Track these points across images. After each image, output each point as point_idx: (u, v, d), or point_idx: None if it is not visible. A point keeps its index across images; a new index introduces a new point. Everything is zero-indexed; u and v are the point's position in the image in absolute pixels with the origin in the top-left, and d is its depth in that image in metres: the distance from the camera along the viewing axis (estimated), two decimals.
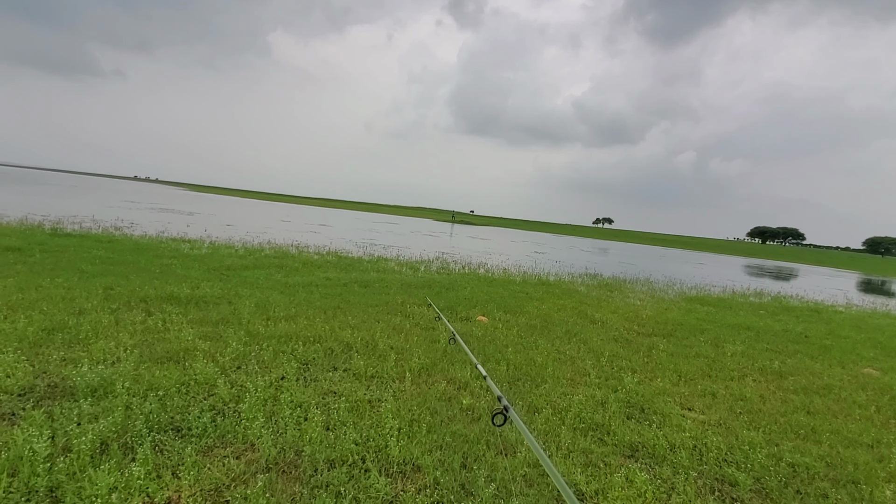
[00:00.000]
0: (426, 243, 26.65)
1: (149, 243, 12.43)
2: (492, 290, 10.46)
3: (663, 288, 15.65)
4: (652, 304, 11.39)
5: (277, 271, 9.92)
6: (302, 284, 8.55)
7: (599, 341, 6.65)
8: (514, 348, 5.68)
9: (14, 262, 7.64)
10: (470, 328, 6.53)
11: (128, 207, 28.56)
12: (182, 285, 7.14)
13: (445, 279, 11.47)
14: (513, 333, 6.50)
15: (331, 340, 5.18)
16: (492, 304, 8.54)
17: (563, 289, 12.20)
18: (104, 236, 12.85)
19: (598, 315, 8.63)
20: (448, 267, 14.89)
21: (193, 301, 6.32)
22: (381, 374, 4.36)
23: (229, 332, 5.02)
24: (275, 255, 12.64)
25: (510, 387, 4.40)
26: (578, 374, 5.09)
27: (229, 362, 4.17)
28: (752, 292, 17.51)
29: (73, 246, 10.26)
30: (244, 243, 15.21)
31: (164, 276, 7.91)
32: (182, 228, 18.50)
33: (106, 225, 16.35)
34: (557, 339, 6.50)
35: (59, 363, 3.79)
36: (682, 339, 7.42)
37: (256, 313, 6.00)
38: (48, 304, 5.35)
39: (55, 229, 13.37)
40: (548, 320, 7.76)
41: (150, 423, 2.97)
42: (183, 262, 9.70)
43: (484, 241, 36.70)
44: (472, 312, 7.71)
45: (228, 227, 22.60)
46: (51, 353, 3.98)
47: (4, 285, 5.97)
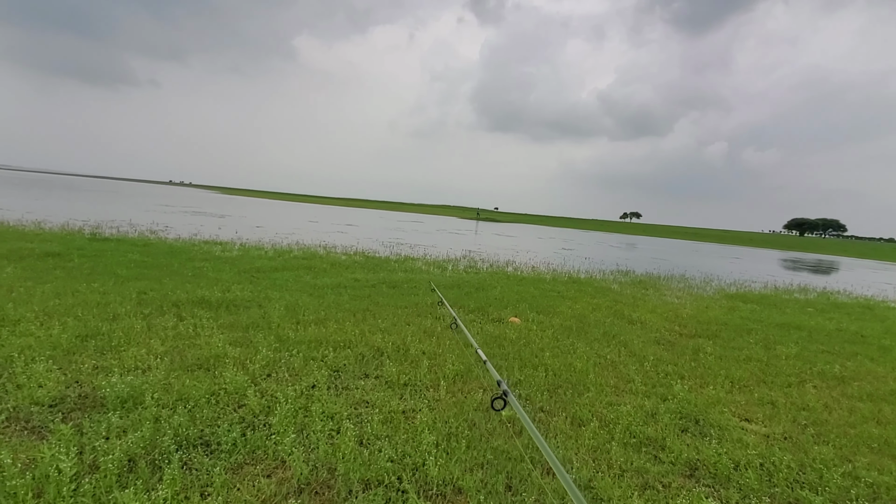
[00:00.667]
0: (452, 242, 26.45)
1: (182, 246, 12.65)
2: (522, 289, 10.16)
3: (700, 285, 14.98)
4: (691, 302, 10.86)
5: (306, 273, 9.89)
6: (330, 286, 8.47)
7: (640, 344, 6.29)
8: (552, 352, 5.40)
9: (54, 268, 7.82)
10: (503, 330, 6.27)
11: (162, 211, 29.43)
12: (213, 288, 7.14)
13: (474, 278, 11.23)
14: (548, 336, 6.21)
15: (361, 345, 5.02)
16: (523, 305, 8.26)
17: (596, 287, 11.78)
18: (140, 240, 13.16)
19: (635, 315, 8.23)
20: (476, 266, 14.64)
21: (224, 305, 6.29)
22: (415, 381, 4.17)
23: (259, 338, 4.92)
24: (303, 257, 12.66)
25: (550, 396, 4.13)
26: (622, 380, 4.77)
27: (259, 370, 4.05)
28: (797, 288, 16.59)
29: (110, 250, 10.51)
30: (273, 245, 15.35)
31: (196, 279, 7.96)
32: (214, 231, 18.86)
33: (142, 229, 16.80)
34: (595, 342, 6.18)
35: (90, 372, 3.75)
36: (729, 341, 6.97)
37: (286, 317, 5.92)
38: (83, 309, 5.39)
39: (94, 234, 13.78)
40: (583, 321, 7.42)
41: (179, 438, 2.85)
42: (214, 264, 9.78)
43: (510, 238, 36.23)
44: (503, 313, 7.45)
45: (258, 228, 22.95)
46: (83, 361, 3.95)
47: (43, 291, 6.06)
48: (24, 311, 5.04)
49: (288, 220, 32.61)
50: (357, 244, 18.58)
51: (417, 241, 24.34)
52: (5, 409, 3.07)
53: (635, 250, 34.82)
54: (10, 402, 3.17)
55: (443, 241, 25.67)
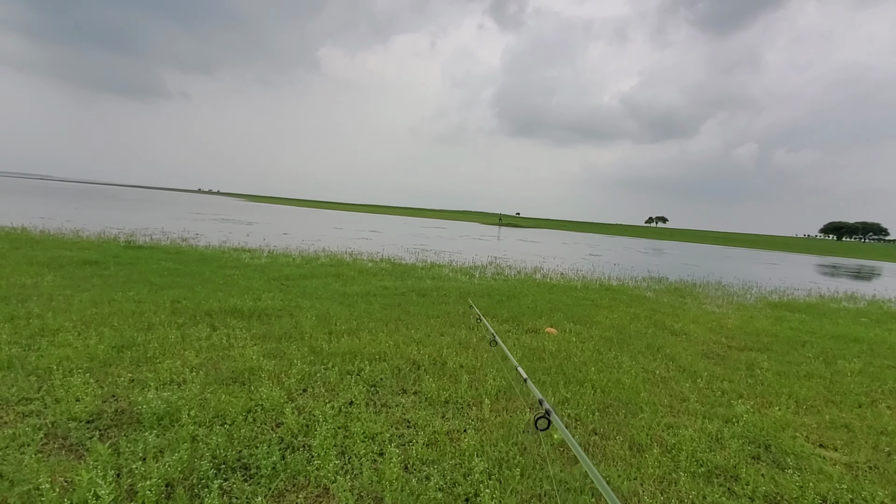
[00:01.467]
0: (477, 247, 26.21)
1: (212, 254, 12.80)
2: (554, 297, 9.84)
3: (739, 292, 14.31)
4: (734, 311, 10.32)
5: (335, 280, 9.81)
6: (360, 294, 8.35)
7: (688, 357, 5.92)
8: (596, 367, 5.10)
9: (91, 276, 7.94)
10: (541, 342, 6.00)
11: (193, 219, 30.17)
12: (245, 297, 7.10)
13: (503, 286, 10.96)
14: (589, 348, 5.90)
15: (396, 358, 4.84)
16: (558, 314, 7.95)
17: (630, 295, 11.35)
18: (172, 247, 13.38)
19: (678, 325, 7.82)
20: (503, 272, 14.36)
21: (256, 314, 6.21)
22: (456, 398, 3.95)
23: (293, 349, 4.79)
24: (330, 264, 12.64)
25: (601, 416, 3.84)
26: (676, 399, 4.44)
27: (295, 384, 3.90)
28: (843, 296, 15.71)
29: (144, 258, 10.67)
30: (300, 252, 15.42)
31: (228, 287, 7.95)
32: (242, 238, 19.12)
33: (174, 236, 17.15)
34: (640, 355, 5.84)
35: (126, 385, 3.66)
36: (784, 355, 6.51)
37: (318, 327, 5.79)
38: (119, 318, 5.38)
39: (129, 242, 14.10)
40: (623, 332, 7.07)
41: (217, 460, 2.70)
42: (244, 272, 9.81)
43: (534, 243, 35.74)
44: (539, 323, 7.17)
45: (285, 235, 23.22)
46: (119, 374, 3.88)
47: (81, 300, 6.11)
48: (62, 321, 5.06)
49: (313, 227, 32.98)
50: (382, 251, 18.53)
51: (442, 247, 24.19)
52: (44, 424, 2.99)
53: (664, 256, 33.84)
54: (49, 416, 3.10)
55: (467, 248, 25.45)
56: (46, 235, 13.79)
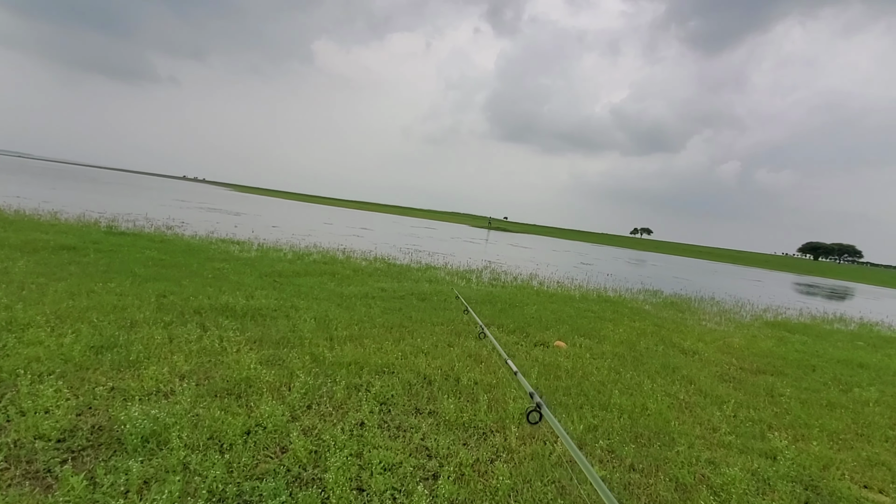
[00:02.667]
0: (469, 250, 25.88)
1: (199, 244, 12.20)
2: (556, 307, 9.54)
3: (734, 309, 14.25)
4: (734, 330, 10.17)
5: (329, 279, 9.36)
6: (358, 296, 7.92)
7: (706, 380, 5.65)
8: (617, 388, 4.79)
9: (68, 263, 7.36)
10: (554, 358, 5.66)
11: (178, 206, 29.21)
12: (236, 294, 6.62)
13: (502, 293, 10.63)
14: (605, 366, 5.59)
15: (405, 371, 4.45)
16: (564, 326, 7.64)
17: (631, 308, 11.12)
18: (156, 235, 12.74)
19: (686, 344, 7.58)
20: (499, 278, 14.04)
21: (250, 314, 5.75)
22: (476, 421, 3.58)
23: (292, 357, 4.37)
24: (323, 261, 12.15)
25: (636, 448, 3.51)
26: (707, 428, 4.14)
27: (298, 400, 3.49)
28: (834, 317, 15.79)
29: (127, 245, 10.06)
30: (291, 246, 14.87)
31: (217, 282, 7.45)
32: (230, 229, 18.46)
33: (158, 224, 16.43)
34: (658, 376, 5.55)
35: (106, 395, 3.21)
36: (798, 380, 6.29)
37: (318, 332, 5.36)
38: (99, 313, 4.88)
39: (110, 227, 13.40)
40: (634, 349, 6.79)
41: (214, 496, 2.29)
42: (234, 266, 9.29)
43: (525, 249, 35.58)
44: (546, 336, 6.84)
45: (274, 228, 22.56)
46: (98, 380, 3.42)
47: (55, 290, 5.57)
48: (34, 314, 4.54)
49: (303, 221, 32.27)
50: (375, 249, 18.07)
51: (434, 248, 23.80)
52: (4, 444, 2.54)
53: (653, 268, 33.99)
54: (12, 433, 2.64)
55: (459, 250, 25.10)
56: (21, 216, 13.02)
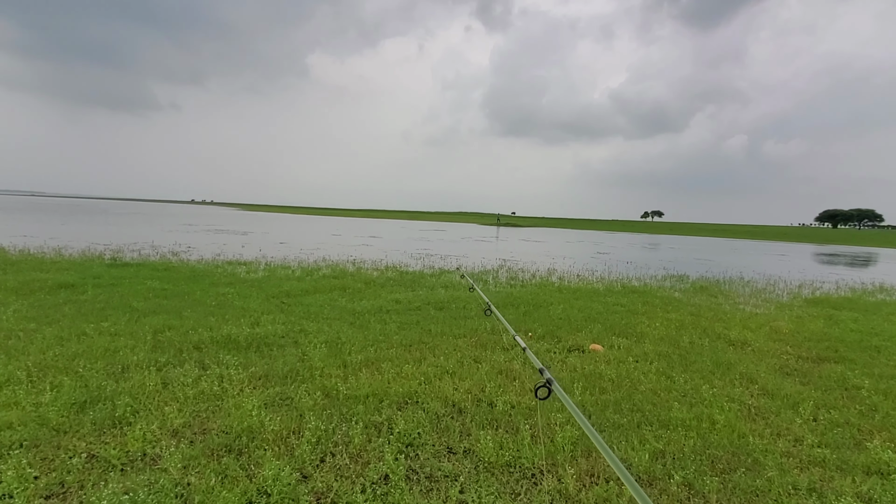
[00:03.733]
0: (481, 250, 25.28)
1: (205, 269, 11.81)
2: (583, 304, 8.93)
3: (767, 288, 13.47)
4: (775, 311, 9.45)
5: (340, 295, 8.86)
6: (371, 311, 7.40)
7: (767, 376, 5.01)
8: (673, 397, 4.18)
9: (63, 303, 6.95)
10: (593, 365, 5.07)
11: (185, 231, 29.08)
12: (241, 322, 6.14)
13: (524, 293, 10.04)
14: (651, 371, 4.98)
15: (431, 399, 3.90)
16: (596, 325, 7.03)
17: (661, 298, 10.45)
18: (161, 264, 12.38)
19: (732, 334, 6.92)
20: (517, 277, 13.43)
21: (254, 344, 5.25)
22: (521, 459, 3.01)
23: (301, 394, 3.84)
24: (333, 275, 11.67)
25: (719, 480, 2.91)
26: (790, 441, 3.52)
27: (309, 452, 2.96)
28: (873, 287, 14.91)
29: (129, 277, 9.68)
30: (299, 262, 14.45)
31: (221, 309, 6.98)
32: (237, 250, 18.12)
33: (164, 251, 16.14)
34: (713, 377, 4.92)
35: (81, 468, 2.71)
36: (868, 367, 5.60)
37: (330, 358, 4.84)
38: (87, 360, 4.41)
39: (115, 259, 13.09)
40: (677, 345, 6.17)
41: None
42: (240, 289, 8.84)
43: (538, 243, 34.86)
44: (579, 339, 6.25)
45: (282, 244, 22.21)
46: (76, 447, 2.92)
47: (44, 336, 5.13)
48: (14, 368, 4.08)
49: (311, 235, 31.96)
50: (385, 257, 17.58)
51: (445, 250, 23.25)
52: None
53: (671, 251, 33.01)
54: None
55: (471, 250, 24.52)
56: (25, 255, 12.77)
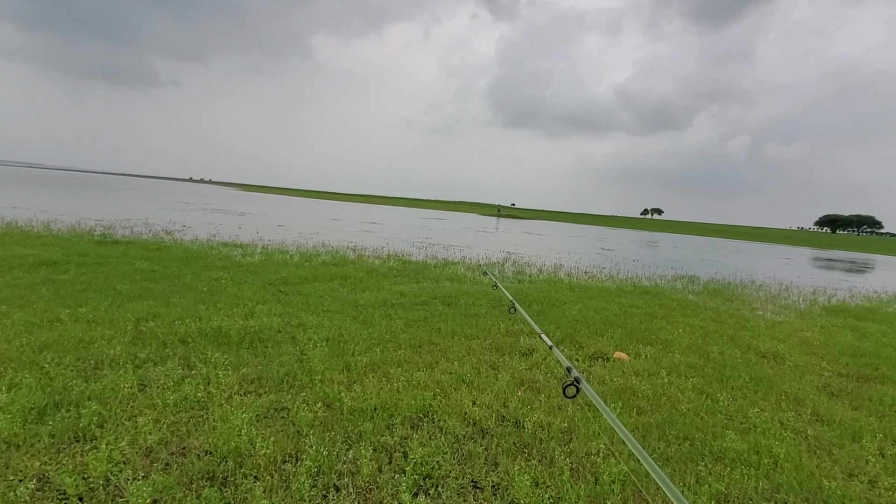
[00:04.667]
0: (483, 241, 24.75)
1: (199, 250, 11.25)
2: (598, 305, 8.43)
3: (781, 294, 13.00)
4: (796, 319, 9.00)
5: (341, 284, 8.32)
6: (375, 304, 6.88)
7: (816, 398, 4.52)
8: (720, 421, 3.69)
9: (42, 282, 6.40)
10: (623, 378, 4.56)
11: (182, 209, 28.39)
12: (233, 312, 5.61)
13: (534, 290, 9.53)
14: (688, 387, 4.48)
15: (448, 415, 3.39)
16: (616, 330, 6.54)
17: (675, 300, 9.96)
18: (152, 243, 11.79)
19: (762, 345, 6.44)
20: (524, 271, 12.92)
21: (247, 340, 4.72)
22: (562, 499, 2.52)
23: (298, 405, 3.33)
24: (333, 262, 11.13)
25: None
26: (865, 482, 3.04)
27: (308, 485, 2.45)
28: (886, 296, 14.50)
29: (117, 256, 9.11)
30: (298, 247, 13.88)
31: (213, 296, 6.45)
32: (234, 231, 17.52)
33: (157, 229, 15.53)
34: (755, 396, 4.44)
35: (28, 499, 2.19)
36: None
37: (331, 359, 4.33)
38: (57, 352, 3.88)
39: (105, 235, 12.50)
40: (708, 356, 5.68)
41: None
42: (234, 274, 8.29)
43: (541, 237, 34.34)
44: (600, 344, 5.75)
45: (280, 227, 21.62)
46: (27, 467, 2.41)
47: (13, 322, 4.58)
48: None
49: (310, 219, 31.33)
50: (387, 245, 17.03)
51: (447, 240, 22.70)
52: None
53: (676, 250, 32.55)
54: None
55: (474, 241, 23.98)
56: (11, 228, 12.15)
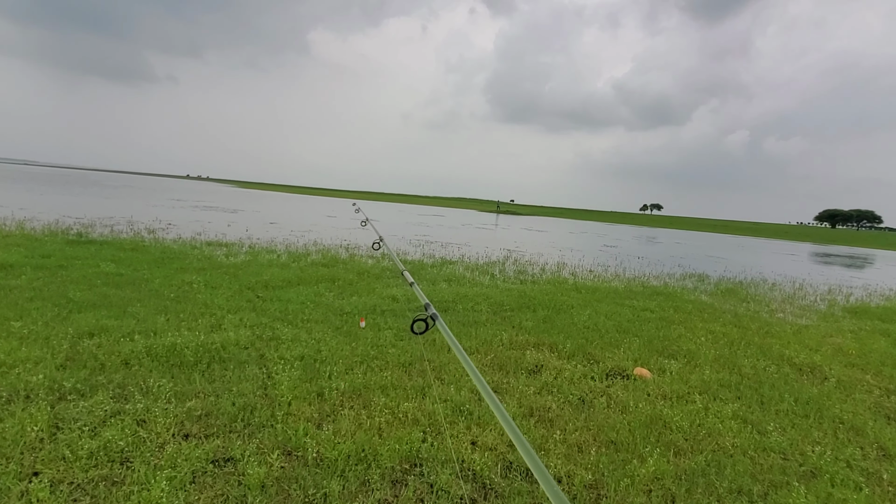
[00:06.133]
0: (483, 238, 24.01)
1: (179, 250, 10.50)
2: (608, 308, 7.72)
3: (797, 293, 12.32)
4: (820, 323, 8.32)
5: (327, 288, 7.59)
6: (362, 311, 6.16)
7: (876, 427, 3.82)
8: (777, 463, 2.98)
9: None
10: (649, 404, 3.85)
11: (171, 206, 27.57)
12: (197, 324, 4.89)
13: (538, 292, 8.81)
14: (728, 415, 3.77)
15: (440, 464, 2.67)
16: (632, 339, 5.84)
17: (689, 301, 9.26)
18: (130, 242, 11.04)
19: (796, 357, 5.74)
20: (526, 271, 12.20)
21: (205, 360, 3.99)
22: None
23: (251, 456, 2.60)
24: (323, 262, 10.40)
25: None
26: None
27: None
28: None
29: (85, 258, 8.37)
30: (287, 245, 13.15)
31: (179, 304, 5.71)
32: (222, 229, 16.76)
33: (140, 227, 14.77)
34: (806, 423, 3.73)
35: None
36: None
37: (303, 385, 3.60)
38: None
39: (80, 234, 11.74)
40: (739, 372, 4.98)
41: None
42: (211, 277, 7.55)
43: (541, 233, 33.60)
44: (617, 357, 5.04)
45: (272, 225, 20.85)
46: None
47: None
48: None
49: (304, 216, 30.53)
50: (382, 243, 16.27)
51: (445, 237, 21.96)
52: None
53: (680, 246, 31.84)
54: None
55: (473, 238, 23.25)
56: None
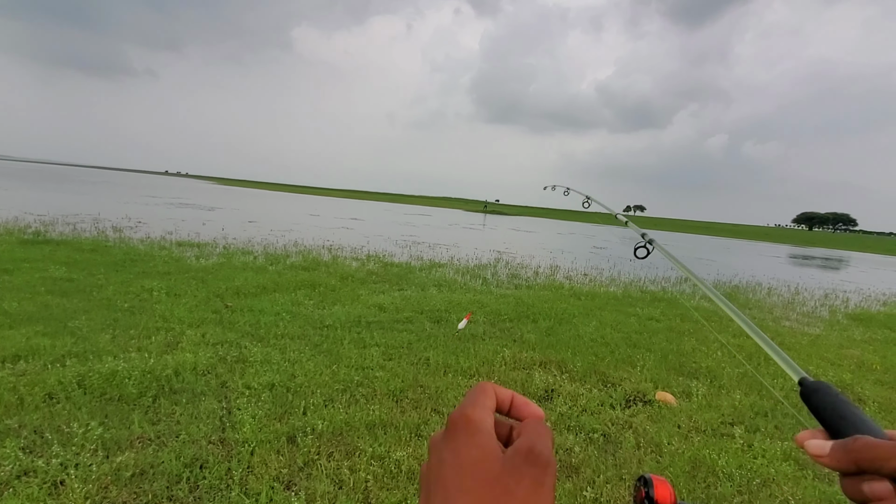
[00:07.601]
0: (471, 239, 23.41)
1: (144, 251, 9.63)
2: (613, 318, 7.17)
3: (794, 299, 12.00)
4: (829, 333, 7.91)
5: (307, 295, 6.87)
6: (345, 324, 5.47)
7: None
8: None
9: None
10: (685, 444, 3.27)
11: (144, 203, 26.32)
12: (148, 343, 4.14)
13: (532, 298, 8.21)
14: (778, 455, 3.21)
15: None
16: (645, 355, 5.27)
17: (694, 309, 8.79)
18: (90, 242, 10.11)
19: (824, 374, 5.26)
20: (520, 275, 11.62)
21: (151, 390, 3.27)
22: None
23: None
24: (303, 265, 9.65)
25: None
26: None
27: None
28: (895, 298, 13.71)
29: (34, 261, 7.49)
30: (265, 246, 12.32)
31: (130, 317, 4.94)
32: (196, 227, 15.82)
33: (105, 226, 13.76)
34: None
35: None
36: None
37: (270, 425, 2.91)
38: None
39: (37, 233, 10.77)
40: (769, 395, 4.45)
41: None
42: (174, 283, 6.76)
43: (530, 234, 33.17)
44: (634, 378, 4.47)
45: (251, 224, 19.90)
46: None
47: None
48: None
49: (286, 214, 29.51)
50: (367, 244, 15.54)
51: (433, 238, 21.29)
52: None
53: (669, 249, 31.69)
54: None
55: (461, 238, 22.62)
56: None
